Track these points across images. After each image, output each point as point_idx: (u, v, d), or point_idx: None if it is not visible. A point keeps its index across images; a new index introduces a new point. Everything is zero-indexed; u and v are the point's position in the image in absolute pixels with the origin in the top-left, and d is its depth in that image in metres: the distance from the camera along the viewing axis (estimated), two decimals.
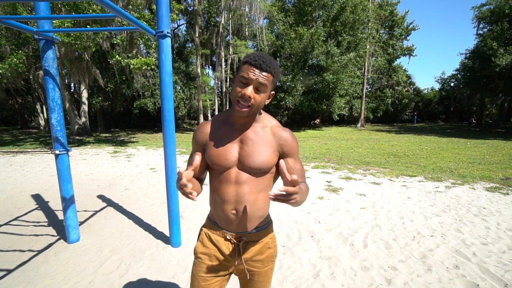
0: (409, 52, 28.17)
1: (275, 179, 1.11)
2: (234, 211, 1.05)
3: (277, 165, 1.06)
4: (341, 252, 2.68)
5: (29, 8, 8.58)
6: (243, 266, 1.11)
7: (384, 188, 4.90)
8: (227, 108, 20.06)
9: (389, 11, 25.19)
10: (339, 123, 25.60)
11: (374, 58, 25.27)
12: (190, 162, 1.09)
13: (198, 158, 1.00)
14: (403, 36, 27.46)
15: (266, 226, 1.14)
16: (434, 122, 28.85)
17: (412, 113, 28.68)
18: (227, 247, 1.09)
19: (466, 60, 21.20)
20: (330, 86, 18.03)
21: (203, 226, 1.19)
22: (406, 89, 29.42)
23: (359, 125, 22.67)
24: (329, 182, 5.34)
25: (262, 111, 1.08)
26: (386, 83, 27.65)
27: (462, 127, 21.45)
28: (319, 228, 3.26)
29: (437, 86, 35.99)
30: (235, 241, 1.09)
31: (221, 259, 1.11)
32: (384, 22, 25.61)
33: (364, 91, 22.73)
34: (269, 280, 1.20)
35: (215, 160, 1.03)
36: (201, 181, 1.15)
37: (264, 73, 0.93)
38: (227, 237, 1.09)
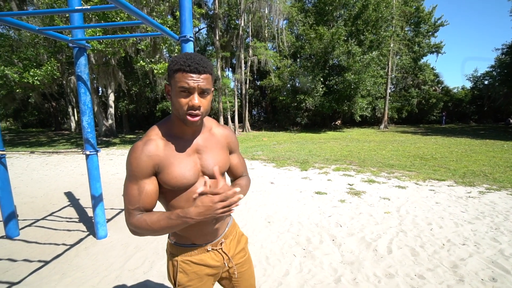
0: (437, 49, 26.72)
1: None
2: (214, 220, 1.01)
3: None
4: (364, 257, 2.59)
5: (64, 19, 9.22)
6: (232, 265, 1.11)
7: (409, 192, 4.68)
8: (247, 109, 20.19)
9: (414, 7, 24.09)
10: (361, 124, 24.83)
11: (398, 56, 24.26)
12: (138, 196, 0.89)
13: (152, 187, 0.90)
14: (430, 33, 26.12)
15: (231, 218, 1.18)
16: (466, 123, 27.10)
17: (440, 113, 27.11)
18: (212, 258, 1.06)
19: (503, 55, 19.72)
20: (352, 87, 17.55)
21: (174, 255, 1.05)
22: (434, 88, 27.90)
23: (382, 126, 21.85)
24: (351, 185, 5.19)
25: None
26: (411, 82, 26.43)
27: (498, 128, 19.95)
28: (341, 232, 3.17)
29: (468, 85, 33.80)
30: (216, 248, 1.06)
31: (211, 273, 1.07)
32: (409, 19, 24.52)
33: (388, 91, 21.89)
34: (252, 264, 1.23)
35: (181, 181, 0.91)
36: None
37: (202, 76, 0.85)
38: (208, 249, 1.05)
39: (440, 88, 29.17)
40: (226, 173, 1.14)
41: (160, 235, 0.92)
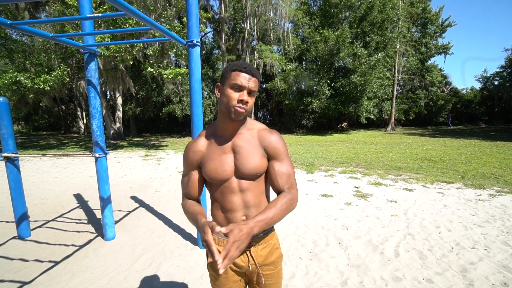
0: (444, 50, 26.35)
1: (267, 182, 1.13)
2: (244, 217, 1.07)
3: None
4: (370, 260, 2.58)
5: (74, 26, 9.47)
6: (258, 270, 1.10)
7: (417, 194, 4.62)
8: (252, 112, 20.25)
9: (421, 8, 23.86)
10: (368, 127, 24.60)
11: (405, 58, 24.01)
12: (187, 183, 1.12)
13: (196, 177, 1.10)
14: (437, 34, 25.80)
15: (271, 228, 1.16)
16: (475, 125, 26.58)
17: (447, 115, 26.61)
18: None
19: None
20: (358, 89, 17.44)
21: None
22: (442, 89, 27.49)
23: (389, 128, 21.60)
24: (357, 187, 5.16)
25: (248, 118, 1.12)
26: (418, 83, 26.10)
27: (509, 130, 19.50)
28: (347, 234, 3.16)
29: (477, 85, 33.23)
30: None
31: (234, 269, 1.13)
32: (416, 20, 24.27)
33: (395, 92, 21.66)
34: (281, 280, 1.21)
35: (214, 175, 1.05)
36: (199, 201, 1.17)
37: (253, 79, 0.99)
38: None
39: (449, 89, 28.73)
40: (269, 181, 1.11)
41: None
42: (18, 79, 9.86)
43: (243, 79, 0.97)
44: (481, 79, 28.56)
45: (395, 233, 3.16)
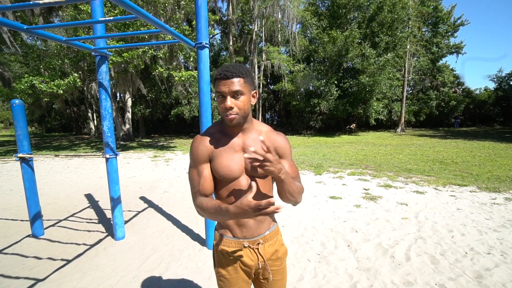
0: (457, 50, 25.75)
1: (273, 181, 1.15)
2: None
3: None
4: (380, 264, 2.53)
5: (86, 30, 9.71)
6: (267, 267, 1.13)
7: (428, 197, 4.51)
8: (260, 113, 20.27)
9: (432, 7, 23.40)
10: (377, 128, 24.23)
11: (415, 58, 23.58)
12: (199, 180, 1.06)
13: (208, 171, 1.07)
14: (449, 33, 25.24)
15: (275, 225, 1.21)
16: (489, 126, 25.83)
17: (456, 116, 25.91)
18: (247, 255, 1.12)
19: None
20: (367, 89, 17.22)
21: (217, 244, 1.17)
22: (454, 90, 26.86)
23: (399, 129, 21.22)
24: (366, 189, 5.08)
25: (254, 119, 1.13)
26: (429, 84, 25.57)
27: None
28: (356, 237, 3.11)
29: (491, 86, 32.31)
30: (253, 246, 1.12)
31: (244, 268, 1.14)
32: (427, 19, 23.81)
33: (405, 93, 21.29)
34: (286, 276, 1.24)
35: (225, 172, 1.04)
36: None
37: (232, 80, 0.97)
38: (245, 244, 1.11)
39: (461, 89, 28.04)
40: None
41: (212, 219, 1.04)
42: (33, 83, 10.17)
43: (222, 85, 0.97)
44: (495, 79, 27.76)
45: (405, 236, 3.09)
